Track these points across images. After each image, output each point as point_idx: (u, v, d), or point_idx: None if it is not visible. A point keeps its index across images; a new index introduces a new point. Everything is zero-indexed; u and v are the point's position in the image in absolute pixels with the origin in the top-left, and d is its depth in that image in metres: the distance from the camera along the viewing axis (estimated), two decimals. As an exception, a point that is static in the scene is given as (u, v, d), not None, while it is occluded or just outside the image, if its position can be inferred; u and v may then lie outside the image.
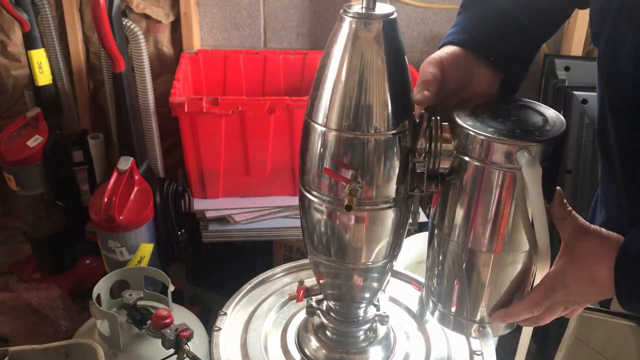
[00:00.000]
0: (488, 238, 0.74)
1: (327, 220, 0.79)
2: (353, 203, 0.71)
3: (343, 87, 0.71)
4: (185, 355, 1.34)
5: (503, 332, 0.83)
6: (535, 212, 0.69)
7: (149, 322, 1.45)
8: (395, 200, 0.77)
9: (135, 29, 1.89)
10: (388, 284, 0.91)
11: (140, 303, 1.53)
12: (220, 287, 2.09)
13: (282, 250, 2.08)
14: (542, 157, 0.68)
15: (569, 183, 1.87)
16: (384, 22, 0.69)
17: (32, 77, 2.02)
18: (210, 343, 0.94)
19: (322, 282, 0.89)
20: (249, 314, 1.00)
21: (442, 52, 0.80)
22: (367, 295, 0.89)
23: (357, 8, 0.70)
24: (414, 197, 0.78)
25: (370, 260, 0.82)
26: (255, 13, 2.19)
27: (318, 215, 0.79)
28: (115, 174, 1.80)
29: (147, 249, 1.83)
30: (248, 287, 1.05)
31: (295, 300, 0.95)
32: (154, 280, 1.65)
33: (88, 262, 2.24)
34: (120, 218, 1.74)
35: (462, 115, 0.73)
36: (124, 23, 1.85)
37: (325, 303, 0.93)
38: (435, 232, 0.81)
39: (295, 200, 0.88)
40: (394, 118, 0.72)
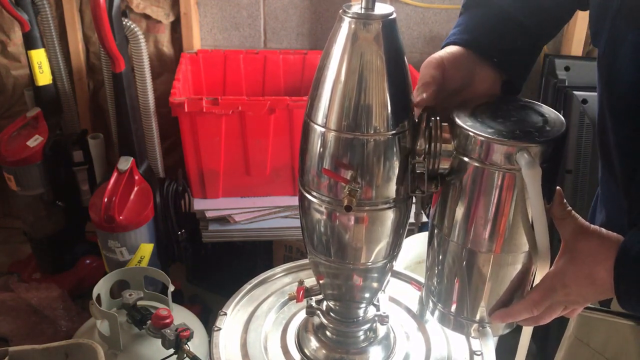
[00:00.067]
0: (488, 238, 0.74)
1: (326, 221, 0.79)
2: (353, 203, 0.71)
3: (342, 87, 0.71)
4: (185, 355, 1.34)
5: (503, 332, 0.83)
6: (535, 212, 0.69)
7: (149, 322, 1.45)
8: (395, 201, 0.77)
9: (135, 29, 1.89)
10: (388, 284, 0.91)
11: (140, 303, 1.53)
12: (220, 287, 2.08)
13: (282, 250, 2.08)
14: (541, 158, 0.68)
15: (569, 183, 1.87)
16: (384, 22, 0.69)
17: (32, 77, 2.02)
18: (210, 343, 0.94)
19: (322, 282, 0.89)
20: (249, 314, 1.00)
21: (443, 52, 0.80)
22: (367, 296, 0.89)
23: (356, 8, 0.70)
24: (416, 197, 0.78)
25: (370, 261, 0.82)
26: (255, 13, 2.19)
27: (318, 216, 0.79)
28: (115, 174, 1.80)
29: (147, 249, 1.83)
30: (248, 287, 1.05)
31: (295, 301, 0.95)
32: (154, 280, 1.65)
33: (88, 262, 2.24)
34: (120, 218, 1.74)
35: (461, 116, 0.73)
36: (124, 23, 1.85)
37: (325, 303, 0.93)
38: (435, 232, 0.81)
39: (295, 200, 0.88)
40: (394, 118, 0.72)
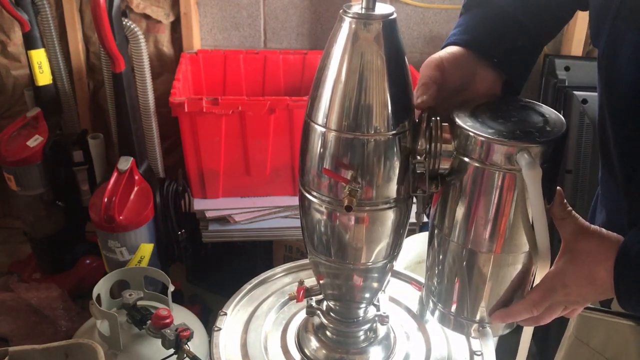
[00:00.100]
0: (488, 239, 0.74)
1: (327, 221, 0.79)
2: (353, 203, 0.71)
3: (343, 87, 0.71)
4: (185, 355, 1.34)
5: (503, 332, 0.83)
6: (535, 213, 0.69)
7: (149, 322, 1.45)
8: (395, 201, 0.77)
9: (135, 29, 1.89)
10: (388, 284, 0.91)
11: (140, 303, 1.53)
12: (220, 287, 2.08)
13: (282, 250, 2.08)
14: (542, 158, 0.68)
15: (569, 183, 1.87)
16: (384, 22, 0.69)
17: (32, 77, 2.02)
18: (210, 343, 0.94)
19: (322, 282, 0.89)
20: (249, 314, 1.00)
21: (443, 52, 0.80)
22: (367, 296, 0.89)
23: (356, 8, 0.70)
24: (417, 197, 0.78)
25: (371, 261, 0.82)
26: (255, 13, 2.19)
27: (318, 216, 0.79)
28: (115, 174, 1.80)
29: (147, 249, 1.83)
30: (248, 287, 1.05)
31: (295, 301, 0.95)
32: (154, 280, 1.65)
33: (88, 262, 2.24)
34: (120, 218, 1.74)
35: (462, 116, 0.73)
36: (124, 23, 1.85)
37: (325, 303, 0.93)
38: (435, 232, 0.81)
39: (295, 200, 0.88)
40: (394, 118, 0.72)
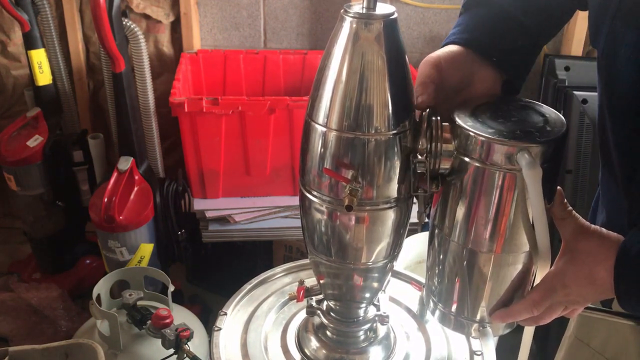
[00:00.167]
0: (488, 239, 0.74)
1: (327, 221, 0.79)
2: (353, 203, 0.71)
3: (344, 87, 0.71)
4: (185, 355, 1.34)
5: (503, 331, 0.83)
6: (536, 213, 0.69)
7: (149, 322, 1.45)
8: (396, 201, 0.77)
9: (135, 29, 1.89)
10: (388, 284, 0.91)
11: (140, 303, 1.53)
12: (220, 287, 2.08)
13: (282, 250, 2.08)
14: (542, 158, 0.68)
15: (569, 183, 1.87)
16: (385, 22, 0.69)
17: (32, 77, 2.02)
18: (210, 343, 0.94)
19: (322, 282, 0.89)
20: (249, 314, 1.00)
21: (441, 51, 0.80)
22: (367, 295, 0.89)
23: (357, 8, 0.70)
24: (418, 197, 0.78)
25: (371, 261, 0.82)
26: (255, 13, 2.19)
27: (318, 216, 0.79)
28: (115, 174, 1.80)
29: (147, 249, 1.83)
30: (248, 287, 1.05)
31: (296, 300, 0.95)
32: (154, 280, 1.65)
33: (88, 262, 2.24)
34: (120, 218, 1.74)
35: (462, 116, 0.73)
36: (124, 23, 1.85)
37: (326, 303, 0.93)
38: (436, 232, 0.81)
39: (295, 200, 0.88)
40: (395, 118, 0.72)
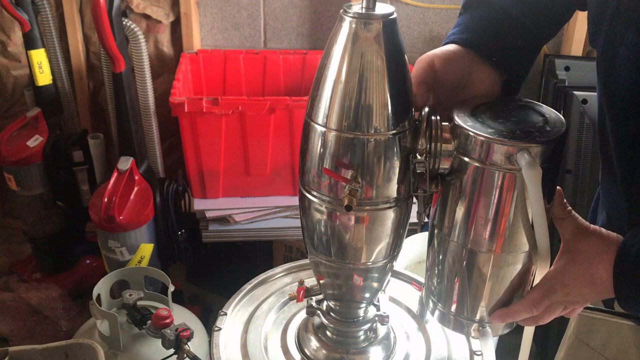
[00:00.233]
0: (488, 239, 0.74)
1: (327, 221, 0.79)
2: (353, 203, 0.71)
3: (343, 87, 0.71)
4: (185, 355, 1.34)
5: (502, 331, 0.83)
6: (535, 213, 0.69)
7: (149, 322, 1.45)
8: (396, 201, 0.77)
9: (135, 29, 1.89)
10: (388, 284, 0.91)
11: (140, 303, 1.53)
12: (220, 287, 2.09)
13: (282, 250, 2.08)
14: (542, 158, 0.68)
15: (569, 183, 1.87)
16: (384, 22, 0.69)
17: (32, 77, 2.02)
18: (210, 343, 0.94)
19: (322, 282, 0.89)
20: (249, 314, 1.00)
21: (436, 50, 0.80)
22: (367, 295, 0.89)
23: (357, 8, 0.70)
24: (417, 197, 0.78)
25: (371, 261, 0.82)
26: (255, 13, 2.19)
27: (318, 216, 0.79)
28: (115, 174, 1.80)
29: (147, 249, 1.83)
30: (248, 287, 1.06)
31: (296, 300, 0.95)
32: (154, 280, 1.65)
33: (88, 262, 2.24)
34: (120, 218, 1.74)
35: (462, 116, 0.73)
36: (124, 23, 1.85)
37: (325, 303, 0.93)
38: (435, 232, 0.81)
39: (295, 200, 0.88)
40: (394, 118, 0.72)
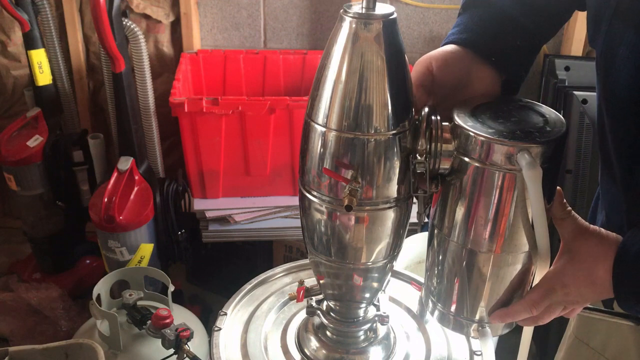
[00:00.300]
0: (488, 239, 0.74)
1: (327, 221, 0.79)
2: (353, 203, 0.71)
3: (343, 87, 0.71)
4: (185, 355, 1.34)
5: (502, 331, 0.83)
6: (535, 213, 0.69)
7: (149, 322, 1.45)
8: (396, 201, 0.77)
9: (135, 29, 1.89)
10: (388, 284, 0.91)
11: (140, 303, 1.53)
12: (220, 287, 2.09)
13: (282, 250, 2.08)
14: (542, 158, 0.68)
15: (569, 183, 1.87)
16: (384, 22, 0.69)
17: (32, 77, 2.02)
18: (210, 343, 0.94)
19: (322, 282, 0.89)
20: (249, 314, 1.00)
21: (434, 51, 0.80)
22: (367, 295, 0.89)
23: (357, 8, 0.70)
24: (418, 197, 0.78)
25: (371, 261, 0.82)
26: (255, 13, 2.19)
27: (318, 216, 0.79)
28: (115, 174, 1.80)
29: (147, 249, 1.83)
30: (248, 287, 1.06)
31: (296, 301, 0.95)
32: (154, 280, 1.65)
33: (88, 262, 2.24)
34: (120, 218, 1.74)
35: (462, 116, 0.73)
36: (124, 23, 1.85)
37: (326, 303, 0.93)
38: (435, 232, 0.81)
39: (295, 200, 0.88)
40: (394, 118, 0.72)
